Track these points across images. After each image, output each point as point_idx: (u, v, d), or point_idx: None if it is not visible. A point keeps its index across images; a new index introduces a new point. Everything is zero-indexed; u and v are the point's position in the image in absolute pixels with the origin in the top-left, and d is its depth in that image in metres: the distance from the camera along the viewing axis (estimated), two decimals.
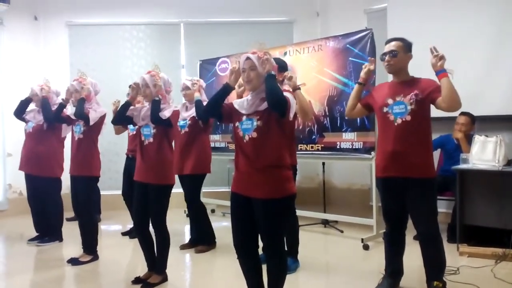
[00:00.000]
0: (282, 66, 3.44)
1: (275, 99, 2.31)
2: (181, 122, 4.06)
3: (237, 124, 2.47)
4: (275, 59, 3.46)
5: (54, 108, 4.30)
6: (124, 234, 4.87)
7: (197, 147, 4.07)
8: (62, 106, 4.14)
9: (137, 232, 3.33)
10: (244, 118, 2.45)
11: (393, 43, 2.86)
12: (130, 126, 4.43)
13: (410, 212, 2.88)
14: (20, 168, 4.55)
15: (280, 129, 2.39)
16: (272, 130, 2.37)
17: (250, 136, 2.39)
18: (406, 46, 2.85)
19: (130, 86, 4.63)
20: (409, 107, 2.76)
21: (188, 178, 4.10)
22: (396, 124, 2.80)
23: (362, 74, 3.09)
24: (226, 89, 2.53)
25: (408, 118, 2.76)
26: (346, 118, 3.03)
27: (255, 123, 2.38)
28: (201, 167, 4.09)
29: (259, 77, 2.41)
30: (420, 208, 2.81)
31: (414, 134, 2.77)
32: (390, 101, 2.85)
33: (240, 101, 2.53)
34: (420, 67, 2.88)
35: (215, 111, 2.54)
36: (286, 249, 2.82)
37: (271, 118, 2.36)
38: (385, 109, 2.86)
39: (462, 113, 4.41)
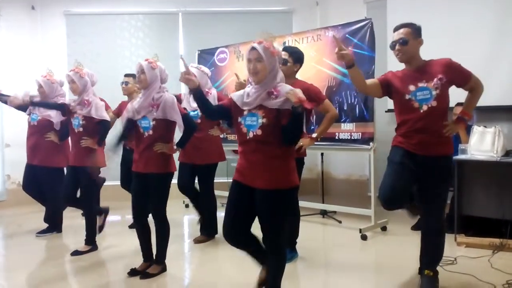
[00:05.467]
0: (299, 58, 3.41)
1: (292, 140, 2.33)
2: (191, 113, 4.00)
3: (239, 119, 2.40)
4: (293, 48, 3.43)
5: (58, 96, 4.36)
6: (131, 227, 4.81)
7: (210, 138, 4.05)
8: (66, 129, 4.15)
9: (136, 222, 3.33)
10: (246, 112, 2.38)
11: (401, 30, 2.75)
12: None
13: (422, 204, 2.83)
14: (28, 160, 4.50)
15: None
16: (278, 128, 2.31)
17: (254, 133, 2.33)
18: (415, 31, 2.76)
19: (125, 75, 4.66)
20: (434, 92, 2.68)
21: (201, 168, 4.10)
22: (422, 111, 2.71)
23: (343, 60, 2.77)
24: (196, 94, 2.51)
25: (434, 103, 2.68)
26: (360, 91, 2.98)
27: (260, 120, 2.31)
28: (216, 156, 4.12)
29: (266, 69, 2.33)
30: (433, 202, 2.77)
31: (440, 118, 2.71)
32: (412, 87, 2.74)
33: (238, 94, 2.46)
34: (422, 57, 2.84)
35: (211, 113, 2.56)
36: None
37: (278, 118, 2.30)
38: (407, 96, 2.75)
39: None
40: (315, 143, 4.76)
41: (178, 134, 3.33)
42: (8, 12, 6.16)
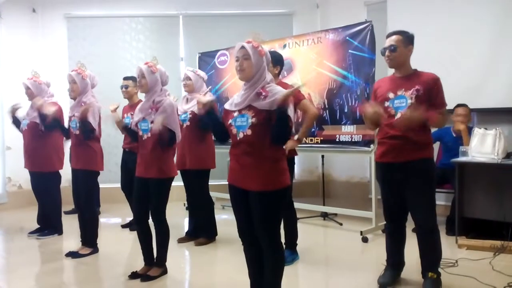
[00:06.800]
0: (277, 60, 3.44)
1: (280, 141, 2.33)
2: (182, 116, 3.99)
3: (230, 121, 2.42)
4: (271, 52, 3.44)
5: (47, 96, 4.36)
6: (124, 226, 4.89)
7: (200, 142, 3.99)
8: (55, 124, 4.14)
9: (137, 226, 3.33)
10: (236, 114, 2.40)
11: (393, 37, 2.84)
12: (127, 120, 4.40)
13: (408, 203, 2.88)
14: (25, 166, 4.52)
15: None
16: (268, 127, 2.32)
17: (244, 134, 2.35)
18: (406, 40, 2.83)
19: (124, 78, 4.66)
20: (409, 101, 2.77)
21: (191, 173, 4.06)
22: (396, 118, 2.81)
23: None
24: (209, 117, 2.58)
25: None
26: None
27: (250, 120, 2.33)
28: (205, 162, 4.05)
29: (252, 67, 2.36)
30: (418, 199, 2.82)
31: (413, 128, 2.76)
32: (391, 95, 2.85)
33: (230, 101, 2.50)
34: (421, 59, 2.86)
35: (225, 136, 2.53)
36: (283, 241, 2.82)
37: (268, 119, 2.31)
38: (386, 103, 2.86)
39: (459, 105, 4.40)
40: (316, 146, 4.81)
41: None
42: (9, 14, 6.17)
